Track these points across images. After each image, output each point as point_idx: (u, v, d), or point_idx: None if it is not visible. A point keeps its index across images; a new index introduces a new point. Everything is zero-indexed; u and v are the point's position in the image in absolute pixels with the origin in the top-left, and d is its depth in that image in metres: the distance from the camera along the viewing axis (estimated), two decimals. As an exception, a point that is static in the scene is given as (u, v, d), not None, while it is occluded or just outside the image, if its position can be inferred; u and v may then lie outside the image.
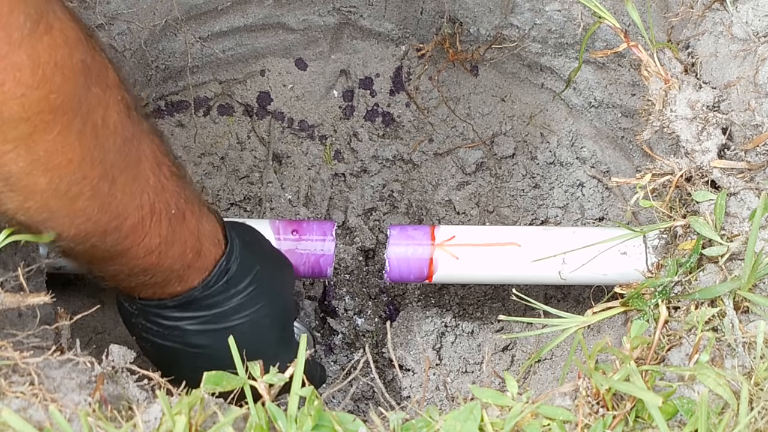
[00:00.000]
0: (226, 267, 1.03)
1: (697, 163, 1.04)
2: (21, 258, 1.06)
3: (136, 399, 0.86)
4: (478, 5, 1.39)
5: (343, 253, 1.48)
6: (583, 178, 1.49)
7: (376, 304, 1.48)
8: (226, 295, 1.03)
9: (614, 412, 0.85)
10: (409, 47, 1.50)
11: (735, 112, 1.04)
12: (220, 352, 0.91)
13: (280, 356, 0.98)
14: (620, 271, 1.17)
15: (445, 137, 1.51)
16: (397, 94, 1.52)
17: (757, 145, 1.02)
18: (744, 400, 0.82)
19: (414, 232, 1.24)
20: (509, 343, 1.39)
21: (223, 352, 0.86)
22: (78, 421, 0.80)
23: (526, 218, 1.48)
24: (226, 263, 1.03)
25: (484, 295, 1.47)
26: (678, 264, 1.00)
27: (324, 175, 1.50)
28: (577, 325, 0.97)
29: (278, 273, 1.13)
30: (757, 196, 1.00)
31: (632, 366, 0.84)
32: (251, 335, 1.05)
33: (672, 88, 1.07)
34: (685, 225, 1.03)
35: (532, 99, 1.51)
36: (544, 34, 1.39)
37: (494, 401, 0.86)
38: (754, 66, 1.03)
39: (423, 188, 1.51)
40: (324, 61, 1.51)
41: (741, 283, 0.92)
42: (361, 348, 1.45)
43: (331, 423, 0.82)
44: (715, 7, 1.09)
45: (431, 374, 1.36)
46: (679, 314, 0.96)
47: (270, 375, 0.85)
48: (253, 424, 0.81)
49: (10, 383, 0.81)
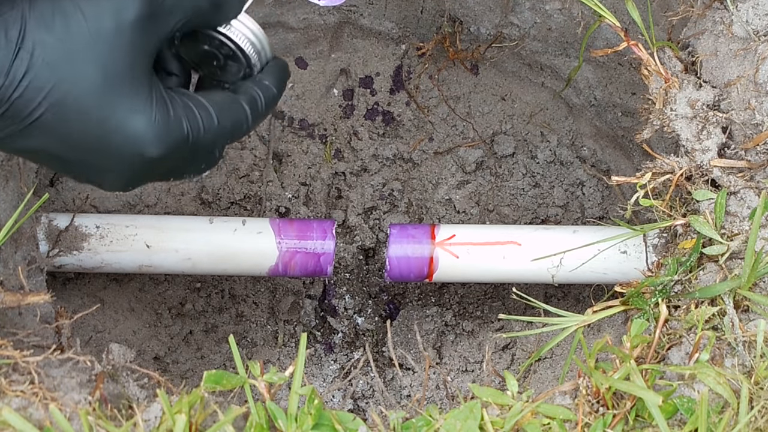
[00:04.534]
0: None
1: (697, 162, 1.04)
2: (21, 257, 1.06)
3: (136, 398, 0.86)
4: (478, 4, 1.39)
5: (343, 252, 1.48)
6: (584, 177, 1.49)
7: (376, 303, 1.48)
8: None
9: (614, 411, 0.85)
10: (409, 46, 1.50)
11: (735, 111, 1.04)
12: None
13: None
14: (620, 269, 1.17)
15: (445, 136, 1.51)
16: (398, 93, 1.52)
17: (757, 144, 1.02)
18: (744, 399, 0.82)
19: (414, 231, 1.24)
20: (509, 341, 1.39)
21: None
22: (78, 420, 0.80)
23: (526, 217, 1.48)
24: None
25: (484, 294, 1.47)
26: (678, 263, 1.00)
27: (324, 173, 1.50)
28: (577, 323, 0.97)
29: None
30: (757, 194, 1.00)
31: (632, 365, 0.84)
32: None
33: (672, 87, 1.07)
34: (686, 224, 1.03)
35: (532, 98, 1.51)
36: (544, 33, 1.39)
37: (494, 400, 0.86)
38: (754, 65, 1.03)
39: (423, 187, 1.51)
40: (324, 60, 1.51)
41: (741, 281, 0.92)
42: (361, 347, 1.45)
43: (331, 422, 0.82)
44: (716, 6, 1.09)
45: (431, 373, 1.36)
46: (679, 313, 0.96)
47: (270, 374, 0.85)
48: (253, 423, 0.81)
49: (10, 382, 0.81)
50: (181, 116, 0.80)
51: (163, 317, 1.41)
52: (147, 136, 0.78)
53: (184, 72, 0.87)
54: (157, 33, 0.79)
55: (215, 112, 0.82)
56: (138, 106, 0.78)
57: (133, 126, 0.78)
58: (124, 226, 1.22)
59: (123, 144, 0.78)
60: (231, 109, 0.84)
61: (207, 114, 0.82)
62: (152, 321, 1.41)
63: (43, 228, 1.19)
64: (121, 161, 0.79)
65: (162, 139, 0.78)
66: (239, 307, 1.45)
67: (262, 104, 0.86)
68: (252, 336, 1.45)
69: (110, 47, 0.77)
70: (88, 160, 0.79)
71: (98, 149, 0.78)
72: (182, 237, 1.22)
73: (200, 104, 0.82)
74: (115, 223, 1.22)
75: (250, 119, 0.85)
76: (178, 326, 1.41)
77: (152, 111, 0.78)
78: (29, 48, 0.75)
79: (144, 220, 1.24)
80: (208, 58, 0.86)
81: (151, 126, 0.78)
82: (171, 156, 0.80)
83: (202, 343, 1.42)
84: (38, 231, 1.18)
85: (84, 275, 1.38)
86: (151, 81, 0.79)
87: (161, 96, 0.79)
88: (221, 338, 1.43)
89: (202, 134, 0.81)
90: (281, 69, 0.88)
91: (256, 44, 0.86)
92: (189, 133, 0.80)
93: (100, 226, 1.21)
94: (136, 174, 0.80)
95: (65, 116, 0.77)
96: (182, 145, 0.80)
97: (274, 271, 1.24)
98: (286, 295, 1.46)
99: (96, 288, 1.39)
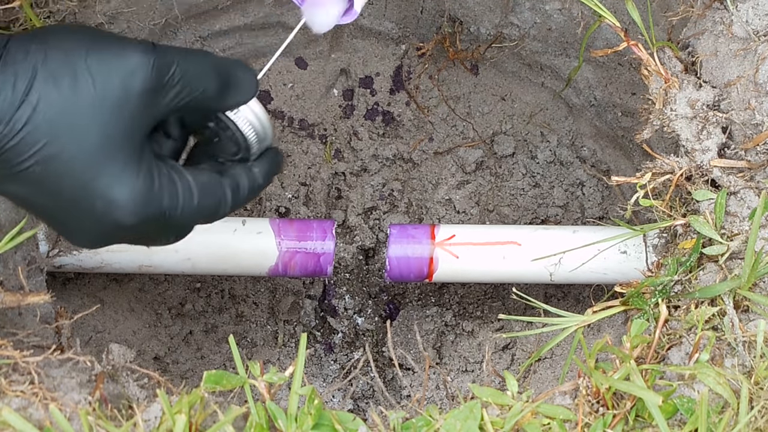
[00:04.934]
0: None
1: (697, 162, 1.04)
2: (21, 257, 1.06)
3: (136, 398, 0.86)
4: (478, 4, 1.39)
5: (343, 252, 1.48)
6: (583, 177, 1.49)
7: (376, 303, 1.48)
8: None
9: (614, 411, 0.85)
10: (409, 46, 1.50)
11: (735, 111, 1.04)
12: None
13: None
14: (620, 270, 1.17)
15: (445, 136, 1.51)
16: (397, 93, 1.52)
17: (757, 144, 1.02)
18: (744, 399, 0.82)
19: (414, 231, 1.24)
20: (509, 342, 1.39)
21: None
22: (78, 420, 0.80)
23: (526, 217, 1.48)
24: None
25: (484, 294, 1.47)
26: (678, 263, 1.00)
27: (324, 174, 1.50)
28: (577, 324, 0.97)
29: None
30: (757, 195, 1.00)
31: (632, 365, 0.84)
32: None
33: (672, 87, 1.07)
34: (685, 224, 1.03)
35: (532, 98, 1.51)
36: (544, 33, 1.39)
37: (494, 400, 0.86)
38: (754, 65, 1.03)
39: (423, 187, 1.51)
40: (324, 60, 1.51)
41: (741, 282, 0.92)
42: (361, 347, 1.45)
43: (331, 422, 0.82)
44: (716, 6, 1.09)
45: (431, 373, 1.36)
46: (679, 313, 0.96)
47: (270, 374, 0.85)
48: (253, 423, 0.81)
49: (10, 382, 0.81)
50: (164, 192, 0.81)
51: (163, 317, 1.41)
52: (126, 206, 0.79)
53: (182, 137, 0.88)
54: (160, 107, 0.80)
55: (198, 193, 0.83)
56: (124, 176, 0.79)
57: (114, 194, 0.79)
58: (124, 226, 1.22)
59: (101, 209, 0.79)
60: (213, 193, 0.84)
61: (189, 194, 0.82)
62: (152, 321, 1.41)
63: (43, 228, 1.19)
64: (95, 223, 0.80)
65: (139, 212, 0.79)
66: (239, 308, 1.45)
67: (244, 193, 0.87)
68: (252, 336, 1.45)
69: (112, 114, 0.78)
70: (65, 216, 0.80)
71: (77, 208, 0.79)
72: (182, 237, 1.22)
73: (185, 182, 0.82)
74: (115, 223, 1.22)
75: (228, 206, 0.86)
76: (178, 326, 1.41)
77: (136, 183, 0.79)
78: (33, 101, 0.76)
79: (144, 220, 1.24)
80: (210, 134, 0.86)
81: (132, 198, 0.79)
82: (143, 226, 0.81)
83: (202, 343, 1.42)
84: (38, 231, 1.18)
85: (84, 275, 1.38)
86: (143, 152, 0.80)
87: (149, 169, 0.80)
88: (221, 338, 1.43)
89: (178, 213, 0.82)
90: (274, 162, 0.89)
91: (260, 133, 0.86)
92: (166, 210, 0.81)
93: (100, 226, 1.21)
94: (106, 236, 0.82)
95: (53, 172, 0.77)
96: (157, 220, 0.81)
97: (274, 271, 1.24)
98: (286, 296, 1.46)
99: (96, 288, 1.39)
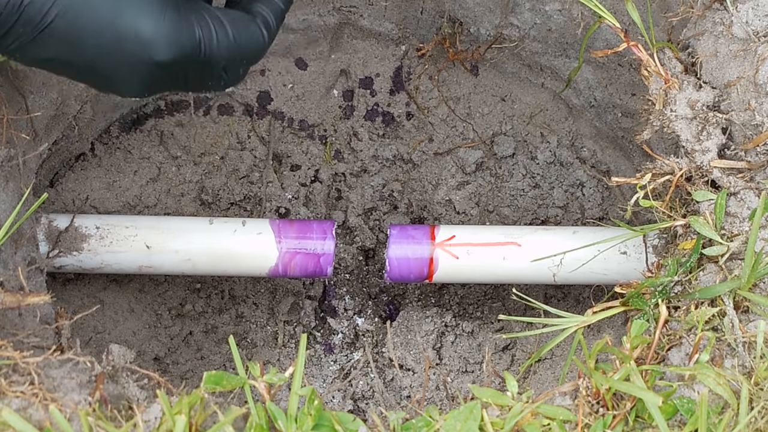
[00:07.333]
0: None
1: (697, 163, 1.04)
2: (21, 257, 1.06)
3: (136, 398, 0.86)
4: (478, 5, 1.39)
5: (343, 252, 1.48)
6: (583, 177, 1.49)
7: (376, 303, 1.48)
8: None
9: (614, 412, 0.85)
10: (409, 47, 1.50)
11: (735, 112, 1.04)
12: None
13: None
14: (620, 270, 1.18)
15: (445, 137, 1.51)
16: (397, 94, 1.52)
17: (757, 144, 1.02)
18: (744, 400, 0.82)
19: (414, 232, 1.24)
20: (509, 342, 1.39)
21: None
22: (78, 421, 0.80)
23: (526, 218, 1.48)
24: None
25: (484, 294, 1.47)
26: (678, 264, 1.00)
27: (324, 174, 1.50)
28: (577, 324, 0.97)
29: None
30: (757, 195, 1.00)
31: (632, 366, 0.84)
32: None
33: (672, 87, 1.07)
34: (685, 225, 1.03)
35: (532, 99, 1.51)
36: (544, 34, 1.39)
37: (494, 401, 0.86)
38: (754, 66, 1.03)
39: (423, 188, 1.51)
40: (324, 60, 1.51)
41: (741, 282, 0.92)
42: (361, 348, 1.45)
43: (331, 422, 0.82)
44: (715, 7, 1.09)
45: (431, 374, 1.36)
46: (679, 314, 0.96)
47: (270, 375, 0.85)
48: (253, 424, 0.81)
49: (10, 383, 0.81)
50: (193, 23, 0.80)
51: (163, 318, 1.41)
52: (157, 39, 0.78)
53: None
54: None
55: (230, 26, 0.83)
56: (148, 10, 0.78)
57: (142, 29, 0.78)
58: (124, 227, 1.22)
59: (133, 48, 0.78)
60: (246, 27, 0.84)
61: (221, 26, 0.82)
62: (152, 322, 1.41)
63: (43, 229, 1.19)
64: (131, 65, 0.79)
65: (172, 44, 0.78)
66: (239, 308, 1.45)
67: (273, 22, 0.87)
68: (252, 337, 1.45)
69: None
70: (100, 65, 0.79)
71: (108, 53, 0.78)
72: (182, 238, 1.22)
73: (214, 16, 0.82)
74: (115, 224, 1.22)
75: (265, 38, 0.86)
76: (178, 327, 1.41)
77: (163, 15, 0.78)
78: None
79: (144, 221, 1.24)
80: None
81: (161, 30, 0.78)
82: (183, 63, 0.80)
83: (202, 343, 1.42)
84: (38, 232, 1.18)
85: (84, 276, 1.38)
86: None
87: (174, 2, 0.79)
88: (221, 339, 1.43)
89: (215, 45, 0.81)
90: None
91: None
92: (201, 41, 0.80)
93: (100, 227, 1.21)
94: (149, 79, 0.80)
95: (75, 21, 0.76)
96: (194, 53, 0.80)
97: (274, 272, 1.24)
98: (286, 296, 1.46)
99: (96, 289, 1.39)
